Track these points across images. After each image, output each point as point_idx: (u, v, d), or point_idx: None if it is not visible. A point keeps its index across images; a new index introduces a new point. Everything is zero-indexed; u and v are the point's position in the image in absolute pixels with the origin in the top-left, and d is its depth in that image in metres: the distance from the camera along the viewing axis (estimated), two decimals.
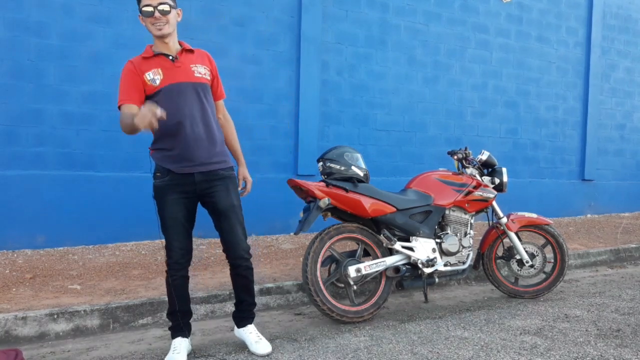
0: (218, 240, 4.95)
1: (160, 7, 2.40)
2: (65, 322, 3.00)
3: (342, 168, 3.30)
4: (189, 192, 2.51)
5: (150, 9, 2.40)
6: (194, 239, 2.66)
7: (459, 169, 3.86)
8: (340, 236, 3.27)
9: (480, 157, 3.84)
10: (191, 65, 2.51)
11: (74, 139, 4.51)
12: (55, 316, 2.98)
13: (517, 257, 3.78)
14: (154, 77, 2.44)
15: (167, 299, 2.63)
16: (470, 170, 3.80)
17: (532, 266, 3.77)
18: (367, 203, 3.28)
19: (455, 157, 3.84)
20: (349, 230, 3.30)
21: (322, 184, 3.26)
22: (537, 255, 3.79)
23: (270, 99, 5.33)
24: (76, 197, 4.49)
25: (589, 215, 7.51)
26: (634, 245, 5.51)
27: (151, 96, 2.45)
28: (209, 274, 3.94)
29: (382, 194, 3.39)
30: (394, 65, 6.04)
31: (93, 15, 4.53)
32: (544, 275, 3.88)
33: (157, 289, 3.53)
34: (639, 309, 3.50)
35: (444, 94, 6.41)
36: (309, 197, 3.24)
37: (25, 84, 4.32)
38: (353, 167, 3.32)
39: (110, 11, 4.59)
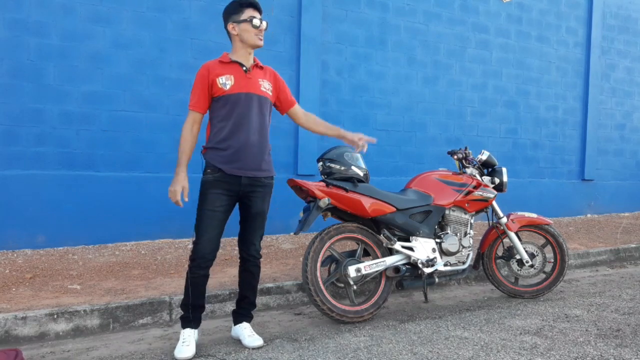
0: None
1: (264, 23, 2.72)
2: (65, 322, 3.00)
3: (342, 168, 3.30)
4: (233, 191, 2.71)
5: (259, 22, 2.69)
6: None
7: (459, 169, 3.86)
8: (340, 236, 3.27)
9: (480, 157, 3.85)
10: (259, 80, 2.77)
11: (74, 139, 4.51)
12: (55, 316, 2.98)
13: (517, 257, 3.78)
14: (226, 81, 2.66)
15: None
16: (470, 170, 3.80)
17: (532, 266, 3.77)
18: (367, 203, 3.28)
19: (455, 157, 3.84)
20: (349, 230, 3.31)
21: (322, 184, 3.26)
22: (537, 255, 3.79)
23: None
24: (76, 197, 4.48)
25: (589, 215, 7.51)
26: (634, 245, 5.51)
27: (219, 98, 2.67)
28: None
29: (382, 194, 3.39)
30: (393, 66, 6.04)
31: (93, 15, 4.53)
32: (544, 275, 3.88)
33: (157, 289, 3.53)
34: (639, 309, 3.50)
35: (444, 94, 6.41)
36: (309, 197, 3.24)
37: (25, 83, 4.32)
38: (353, 167, 3.33)
39: (110, 11, 4.59)
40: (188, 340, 2.65)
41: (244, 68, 2.71)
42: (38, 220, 4.35)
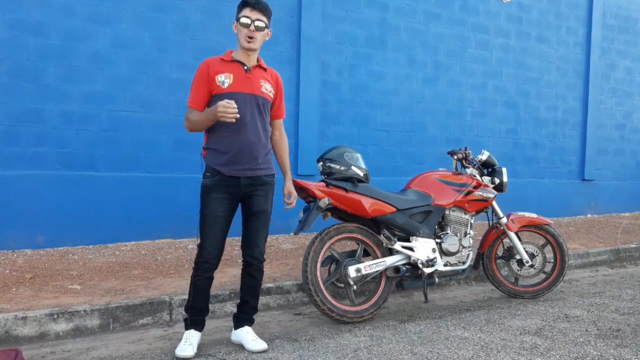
0: None
1: (257, 23, 2.62)
2: (65, 322, 3.00)
3: (342, 168, 3.30)
4: (234, 193, 2.68)
5: (248, 21, 2.61)
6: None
7: (456, 169, 3.86)
8: (340, 236, 3.27)
9: (480, 157, 3.85)
10: (261, 80, 2.72)
11: (74, 139, 4.50)
12: (55, 316, 2.98)
13: (517, 257, 3.78)
14: (224, 80, 2.63)
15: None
16: (470, 170, 3.80)
17: (532, 266, 3.77)
18: (367, 203, 3.29)
19: (455, 157, 3.84)
20: (349, 230, 3.31)
21: (322, 184, 3.27)
22: (537, 255, 3.79)
23: None
24: (76, 197, 4.48)
25: (589, 215, 7.51)
26: (634, 245, 5.51)
27: (217, 96, 2.62)
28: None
29: (382, 194, 3.39)
30: (394, 66, 6.04)
31: (93, 15, 4.53)
32: (544, 275, 3.88)
33: (157, 289, 3.53)
34: (639, 309, 3.50)
35: (444, 94, 6.41)
36: (309, 197, 3.24)
37: (26, 83, 4.32)
38: (353, 167, 3.33)
39: (110, 11, 4.58)
40: (190, 340, 2.65)
41: (245, 67, 2.67)
42: (38, 220, 4.35)
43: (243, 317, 2.85)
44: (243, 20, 2.60)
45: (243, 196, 2.71)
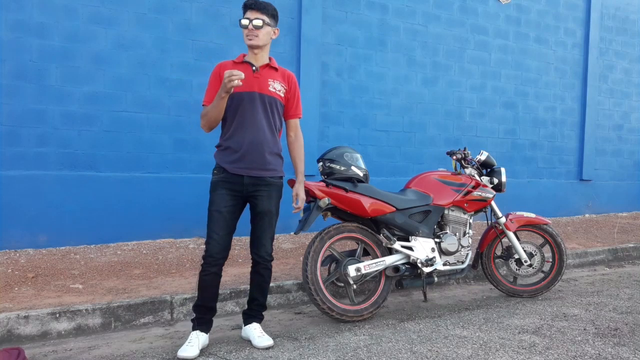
0: None
1: (255, 22, 2.70)
2: (67, 321, 3.03)
3: (342, 168, 3.33)
4: (237, 190, 2.74)
5: (246, 22, 2.71)
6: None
7: (455, 169, 3.89)
8: (340, 236, 3.30)
9: (479, 157, 3.87)
10: (269, 80, 2.79)
11: (76, 139, 4.53)
12: (57, 315, 3.01)
13: (516, 256, 3.81)
14: None
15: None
16: (469, 171, 3.83)
17: (530, 265, 3.80)
18: (367, 203, 3.31)
19: (454, 157, 3.87)
20: (349, 229, 3.33)
21: (322, 184, 3.29)
22: (536, 254, 3.82)
23: None
24: (78, 197, 4.50)
25: (587, 215, 7.54)
26: (631, 245, 5.54)
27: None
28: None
29: (382, 194, 3.41)
30: (393, 66, 6.07)
31: (95, 16, 4.55)
32: (542, 275, 3.91)
33: (159, 288, 3.55)
34: (637, 308, 3.53)
35: (443, 95, 6.44)
36: (309, 197, 3.26)
37: (28, 84, 4.34)
38: (353, 167, 3.35)
39: (111, 12, 4.61)
40: (194, 341, 2.66)
41: (253, 68, 2.75)
42: (40, 220, 4.37)
43: (251, 314, 2.91)
44: (242, 21, 2.71)
45: (247, 195, 2.76)
